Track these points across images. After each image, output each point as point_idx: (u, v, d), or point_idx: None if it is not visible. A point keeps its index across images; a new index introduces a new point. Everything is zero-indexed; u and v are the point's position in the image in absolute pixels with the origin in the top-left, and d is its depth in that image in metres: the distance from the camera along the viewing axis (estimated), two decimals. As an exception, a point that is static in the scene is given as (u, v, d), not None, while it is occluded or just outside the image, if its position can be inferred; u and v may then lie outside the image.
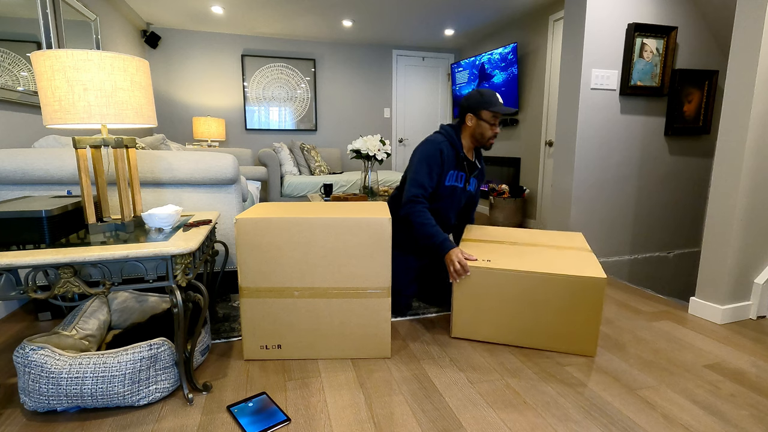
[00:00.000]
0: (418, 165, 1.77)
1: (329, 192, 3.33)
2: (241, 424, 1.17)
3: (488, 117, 1.78)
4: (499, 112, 1.77)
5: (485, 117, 1.78)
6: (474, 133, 1.83)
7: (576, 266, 1.57)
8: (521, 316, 1.59)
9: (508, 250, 1.74)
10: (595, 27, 2.53)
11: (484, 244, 1.79)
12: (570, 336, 1.57)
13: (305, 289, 1.46)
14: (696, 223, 2.99)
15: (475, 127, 1.82)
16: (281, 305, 1.47)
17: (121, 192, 1.32)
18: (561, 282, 1.52)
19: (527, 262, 1.61)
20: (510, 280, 1.56)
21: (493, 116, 1.78)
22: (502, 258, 1.64)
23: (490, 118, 1.78)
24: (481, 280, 1.59)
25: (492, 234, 1.93)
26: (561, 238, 1.89)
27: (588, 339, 1.56)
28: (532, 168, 4.16)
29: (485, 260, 1.62)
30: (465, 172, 1.88)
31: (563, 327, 1.56)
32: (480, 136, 1.82)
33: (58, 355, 1.17)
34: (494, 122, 1.79)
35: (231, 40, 4.77)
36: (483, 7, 3.88)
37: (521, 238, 1.88)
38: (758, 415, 1.23)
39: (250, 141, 5.03)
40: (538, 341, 1.60)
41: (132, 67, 1.26)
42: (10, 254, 1.07)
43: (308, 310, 1.48)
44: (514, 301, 1.58)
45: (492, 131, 1.81)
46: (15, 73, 2.17)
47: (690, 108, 2.77)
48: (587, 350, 1.57)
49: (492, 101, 1.76)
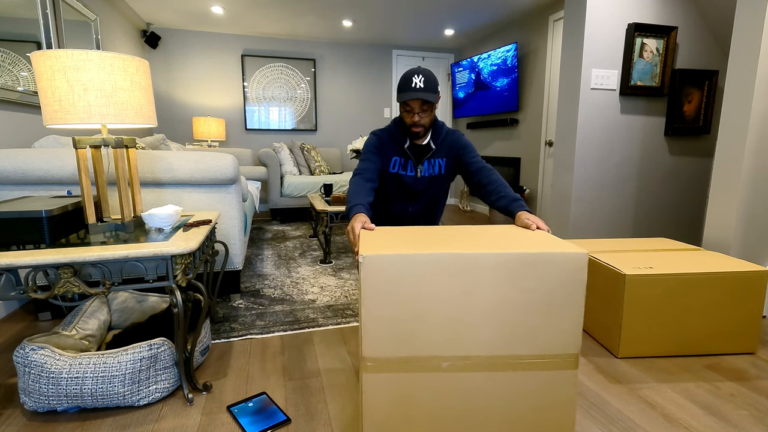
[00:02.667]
0: (363, 154, 1.69)
1: (329, 192, 3.33)
2: (241, 424, 1.17)
3: (401, 106, 1.63)
4: (407, 100, 1.56)
5: (400, 106, 1.62)
6: (402, 121, 1.67)
7: (725, 263, 1.61)
8: (688, 321, 1.56)
9: None
10: (595, 27, 2.53)
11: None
12: (731, 334, 1.57)
13: (458, 359, 1.03)
14: (696, 223, 2.99)
15: (401, 114, 1.65)
16: (422, 383, 1.03)
17: (121, 192, 1.32)
18: (724, 279, 1.53)
19: (674, 265, 1.60)
20: (674, 285, 1.53)
21: (404, 104, 1.59)
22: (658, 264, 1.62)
23: (404, 105, 1.60)
24: (646, 290, 1.53)
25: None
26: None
27: (750, 335, 1.57)
28: (532, 168, 4.16)
29: (648, 267, 1.58)
30: (411, 159, 1.71)
31: (724, 326, 1.57)
32: (403, 125, 1.66)
33: (58, 355, 1.17)
34: (409, 109, 1.59)
35: (231, 40, 4.77)
36: (483, 7, 3.88)
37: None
38: (758, 415, 1.23)
39: (250, 141, 5.03)
40: (700, 346, 1.58)
41: (132, 67, 1.26)
42: (10, 254, 1.07)
43: (460, 389, 1.04)
44: (681, 308, 1.55)
45: (409, 119, 1.60)
46: (15, 73, 2.17)
47: (690, 108, 2.77)
48: (749, 347, 1.59)
49: (402, 88, 1.56)
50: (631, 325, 1.54)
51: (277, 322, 1.86)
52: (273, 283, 2.38)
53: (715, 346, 1.58)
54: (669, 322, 1.55)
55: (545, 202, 3.99)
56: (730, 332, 1.57)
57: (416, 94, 1.53)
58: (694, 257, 1.71)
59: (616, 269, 1.56)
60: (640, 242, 1.97)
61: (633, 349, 1.56)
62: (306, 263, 2.77)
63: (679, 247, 1.88)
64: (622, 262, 1.62)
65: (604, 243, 1.95)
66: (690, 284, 1.53)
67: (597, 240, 2.00)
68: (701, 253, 1.77)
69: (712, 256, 1.72)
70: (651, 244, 1.93)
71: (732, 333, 1.57)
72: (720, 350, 1.58)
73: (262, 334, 1.74)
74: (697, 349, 1.57)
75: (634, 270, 1.53)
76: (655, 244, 1.95)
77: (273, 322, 1.85)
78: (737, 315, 1.56)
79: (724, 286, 1.54)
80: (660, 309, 1.54)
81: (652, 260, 1.66)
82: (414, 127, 1.61)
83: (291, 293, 2.22)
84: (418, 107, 1.58)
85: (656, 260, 1.66)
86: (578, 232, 2.75)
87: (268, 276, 2.50)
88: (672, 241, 1.99)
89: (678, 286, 1.53)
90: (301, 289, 2.29)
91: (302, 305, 2.05)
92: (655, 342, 1.56)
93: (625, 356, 1.56)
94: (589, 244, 1.92)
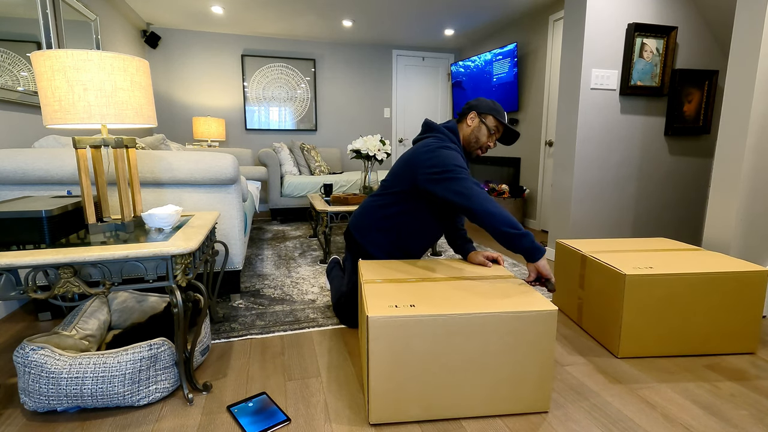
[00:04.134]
0: (456, 168, 1.52)
1: (329, 192, 3.33)
2: (241, 424, 1.17)
3: (492, 125, 1.70)
4: (504, 125, 1.71)
5: (489, 123, 1.70)
6: (470, 135, 1.72)
7: (725, 263, 1.62)
8: (688, 321, 1.56)
9: None
10: (595, 27, 2.53)
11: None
12: (731, 334, 1.57)
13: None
14: (696, 223, 2.99)
15: (474, 129, 1.71)
16: None
17: (121, 192, 1.32)
18: (725, 279, 1.53)
19: (674, 265, 1.60)
20: (675, 285, 1.53)
21: (497, 126, 1.70)
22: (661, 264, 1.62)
23: (493, 126, 1.70)
24: (647, 291, 1.53)
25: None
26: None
27: (750, 335, 1.58)
28: (532, 168, 4.16)
29: (648, 267, 1.58)
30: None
31: (725, 326, 1.57)
32: (475, 140, 1.72)
33: (58, 355, 1.17)
34: (495, 132, 1.72)
35: (231, 40, 4.77)
36: (483, 7, 3.88)
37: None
38: (758, 415, 1.23)
39: (250, 141, 5.03)
40: (700, 346, 1.58)
41: (132, 67, 1.26)
42: (10, 254, 1.07)
43: None
44: (681, 308, 1.55)
45: (489, 140, 1.71)
46: (15, 73, 2.17)
47: (690, 108, 2.77)
48: (749, 347, 1.59)
49: (502, 113, 1.71)
50: (631, 325, 1.54)
51: (277, 322, 1.86)
52: (273, 283, 2.38)
53: (715, 346, 1.58)
54: (669, 322, 1.55)
55: (545, 202, 3.99)
56: (730, 332, 1.57)
57: (511, 128, 1.71)
58: (694, 257, 1.71)
59: (616, 269, 1.56)
60: (640, 242, 1.97)
61: (633, 349, 1.56)
62: (306, 263, 2.77)
63: (679, 247, 1.88)
64: (622, 262, 1.62)
65: (604, 243, 1.95)
66: (690, 284, 1.53)
67: (597, 240, 2.00)
68: (701, 253, 1.77)
69: (712, 256, 1.72)
70: (651, 244, 1.93)
71: (732, 333, 1.57)
72: (720, 350, 1.58)
73: (262, 334, 1.74)
74: (697, 349, 1.57)
75: (634, 270, 1.53)
76: (655, 244, 1.95)
77: (273, 322, 1.85)
78: (737, 315, 1.56)
79: (724, 286, 1.54)
80: (660, 309, 1.54)
81: (652, 260, 1.66)
82: (483, 149, 1.74)
83: (291, 293, 2.22)
84: (498, 136, 1.74)
85: (656, 260, 1.66)
86: (578, 232, 2.76)
87: (268, 276, 2.50)
88: (672, 241, 1.99)
89: (678, 286, 1.53)
90: (301, 289, 2.29)
91: (302, 305, 2.05)
92: (655, 342, 1.55)
93: (625, 356, 1.56)
94: (589, 244, 1.92)
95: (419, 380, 1.16)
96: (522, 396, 1.21)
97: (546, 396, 1.22)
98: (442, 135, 1.71)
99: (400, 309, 1.15)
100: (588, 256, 1.74)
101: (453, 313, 1.14)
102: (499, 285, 1.37)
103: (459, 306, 1.18)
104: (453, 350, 1.16)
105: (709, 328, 1.56)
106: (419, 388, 1.17)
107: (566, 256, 1.91)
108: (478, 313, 1.15)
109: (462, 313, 1.14)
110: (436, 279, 1.42)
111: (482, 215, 1.42)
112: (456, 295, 1.27)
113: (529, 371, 1.20)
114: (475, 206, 1.43)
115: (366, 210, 1.81)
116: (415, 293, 1.28)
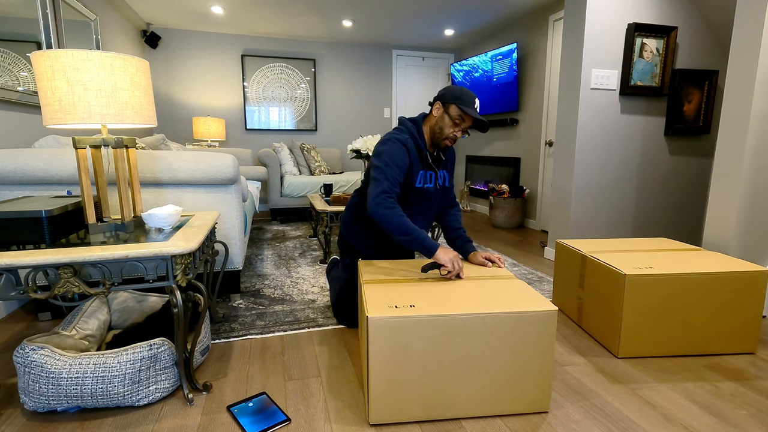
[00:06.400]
0: (385, 166, 1.56)
1: (329, 192, 3.33)
2: (241, 424, 1.17)
3: (455, 114, 1.59)
4: (468, 115, 1.58)
5: (452, 112, 1.59)
6: (435, 126, 1.64)
7: (725, 263, 1.62)
8: (688, 321, 1.56)
9: None
10: (595, 27, 2.53)
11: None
12: (731, 334, 1.57)
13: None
14: (696, 223, 2.99)
15: (438, 119, 1.63)
16: None
17: (121, 192, 1.32)
18: (725, 279, 1.53)
19: (674, 265, 1.60)
20: (675, 285, 1.53)
21: (460, 116, 1.59)
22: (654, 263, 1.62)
23: (456, 116, 1.59)
24: (647, 291, 1.53)
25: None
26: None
27: (750, 335, 1.57)
28: (532, 168, 4.16)
29: (648, 267, 1.58)
30: (434, 171, 1.71)
31: (725, 326, 1.57)
32: (439, 131, 1.63)
33: (58, 355, 1.17)
34: (458, 122, 1.60)
35: (231, 40, 4.77)
36: (483, 7, 3.88)
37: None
38: (758, 415, 1.23)
39: (250, 141, 5.03)
40: (700, 346, 1.58)
41: (132, 67, 1.26)
42: (10, 254, 1.07)
43: None
44: (681, 308, 1.55)
45: (452, 131, 1.61)
46: (15, 73, 2.17)
47: (690, 108, 2.77)
48: (749, 347, 1.59)
49: (467, 101, 1.58)
50: (631, 325, 1.54)
51: (277, 322, 1.86)
52: (273, 283, 2.38)
53: (715, 346, 1.58)
54: (669, 322, 1.54)
55: (545, 202, 3.99)
56: (730, 332, 1.57)
57: (479, 116, 1.59)
58: (694, 257, 1.71)
59: (616, 269, 1.56)
60: (640, 242, 1.97)
61: (633, 349, 1.56)
62: (306, 263, 2.77)
63: (679, 247, 1.88)
64: (622, 262, 1.62)
65: (604, 243, 1.95)
66: (690, 284, 1.53)
67: (597, 240, 2.00)
68: (701, 253, 1.77)
69: (712, 256, 1.72)
70: (651, 244, 1.93)
71: (732, 333, 1.57)
72: (720, 350, 1.58)
73: (262, 334, 1.74)
74: (697, 349, 1.57)
75: (634, 270, 1.53)
76: (655, 244, 1.95)
77: (273, 322, 1.85)
78: (737, 315, 1.56)
79: (724, 286, 1.54)
80: (660, 309, 1.54)
81: (652, 260, 1.66)
82: (451, 140, 1.65)
83: (291, 293, 2.22)
84: (466, 126, 1.63)
85: (656, 260, 1.66)
86: (578, 232, 2.76)
87: (268, 276, 2.50)
88: (672, 241, 1.99)
89: (678, 286, 1.53)
90: (301, 289, 2.29)
91: (302, 305, 2.05)
92: (655, 342, 1.55)
93: (625, 356, 1.56)
94: (589, 244, 1.92)
95: (419, 380, 1.16)
96: (522, 396, 1.21)
97: (546, 396, 1.22)
98: (402, 128, 1.69)
99: (400, 309, 1.15)
100: (588, 256, 1.74)
101: (453, 313, 1.14)
102: (499, 285, 1.37)
103: (459, 306, 1.18)
104: (453, 350, 1.16)
105: (709, 328, 1.56)
106: (419, 388, 1.17)
107: (566, 256, 1.91)
108: (478, 314, 1.15)
109: (462, 313, 1.15)
110: (435, 279, 1.43)
111: (373, 217, 1.52)
112: (456, 295, 1.28)
113: (529, 371, 1.20)
114: (368, 208, 1.53)
115: (348, 208, 1.87)
116: (414, 293, 1.28)
